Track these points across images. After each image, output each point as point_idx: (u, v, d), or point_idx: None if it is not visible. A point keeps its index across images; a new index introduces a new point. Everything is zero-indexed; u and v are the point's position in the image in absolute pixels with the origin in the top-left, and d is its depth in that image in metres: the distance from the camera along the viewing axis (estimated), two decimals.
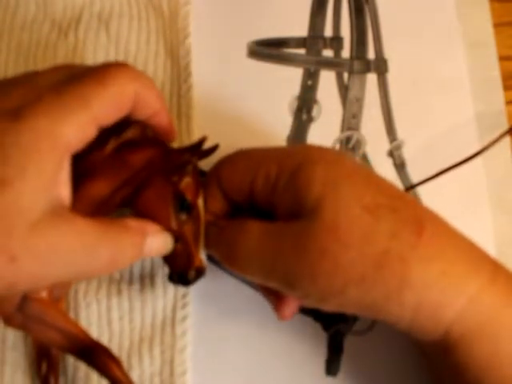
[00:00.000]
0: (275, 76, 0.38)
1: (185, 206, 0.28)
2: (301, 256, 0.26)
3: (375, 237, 0.25)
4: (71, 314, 0.33)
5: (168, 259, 0.29)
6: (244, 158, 0.30)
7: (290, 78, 0.38)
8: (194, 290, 0.34)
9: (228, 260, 0.29)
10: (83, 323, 0.33)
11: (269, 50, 0.38)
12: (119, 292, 0.34)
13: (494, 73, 0.39)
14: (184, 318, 0.34)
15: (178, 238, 0.28)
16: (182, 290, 0.34)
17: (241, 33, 0.38)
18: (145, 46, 0.37)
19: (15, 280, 0.23)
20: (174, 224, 0.28)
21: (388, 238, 0.25)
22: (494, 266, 0.27)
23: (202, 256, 0.29)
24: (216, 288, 0.34)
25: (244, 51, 0.38)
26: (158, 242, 0.28)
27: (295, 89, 0.38)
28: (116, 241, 0.25)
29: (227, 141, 0.36)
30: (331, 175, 0.27)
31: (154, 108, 0.28)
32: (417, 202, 0.28)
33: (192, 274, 0.29)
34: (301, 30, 0.39)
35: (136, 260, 0.27)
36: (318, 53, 0.39)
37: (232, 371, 0.33)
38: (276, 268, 0.27)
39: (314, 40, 0.39)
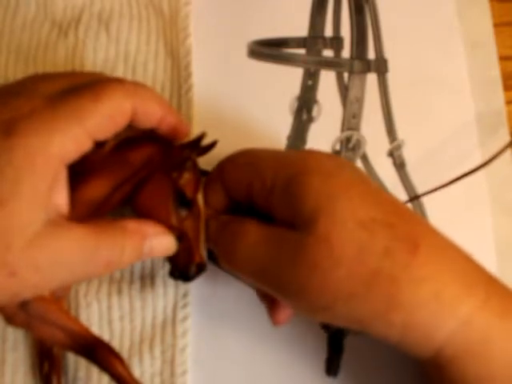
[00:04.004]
0: (275, 76, 0.38)
1: (185, 202, 0.28)
2: (293, 267, 0.26)
3: (368, 255, 0.25)
4: (72, 314, 0.33)
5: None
6: (245, 158, 0.30)
7: (290, 78, 0.38)
8: (195, 289, 0.34)
9: (225, 258, 0.29)
10: (84, 323, 0.33)
11: (269, 49, 0.38)
12: (120, 292, 0.34)
13: (494, 73, 0.39)
14: (185, 318, 0.34)
15: (179, 234, 0.28)
16: (182, 289, 0.34)
17: (241, 33, 0.38)
18: (145, 46, 0.37)
19: (17, 291, 0.24)
20: (174, 220, 0.28)
21: (381, 257, 0.25)
22: (489, 285, 0.27)
23: (203, 252, 0.29)
24: (216, 288, 0.34)
25: (244, 51, 0.38)
26: (159, 243, 0.28)
27: (295, 89, 0.38)
28: (114, 244, 0.26)
29: (227, 141, 0.36)
30: (327, 188, 0.26)
31: (156, 117, 0.28)
32: (414, 217, 0.28)
33: (193, 269, 0.29)
34: (301, 30, 0.39)
35: (137, 261, 0.27)
36: (318, 53, 0.39)
37: (232, 371, 0.33)
38: (269, 275, 0.27)
39: (314, 40, 0.39)
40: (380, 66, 0.38)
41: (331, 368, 0.34)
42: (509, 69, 0.39)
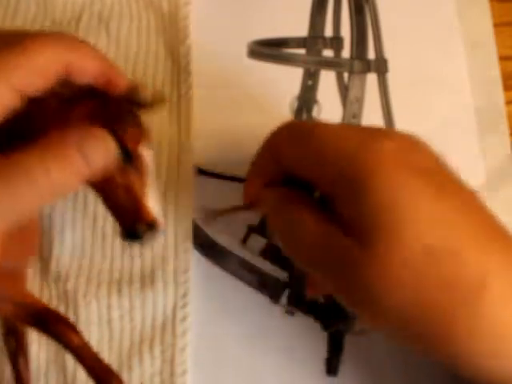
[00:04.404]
0: (275, 76, 0.38)
1: (127, 156, 0.27)
2: (349, 279, 0.24)
3: (427, 285, 0.23)
4: (71, 314, 0.33)
5: (115, 213, 0.28)
6: (301, 133, 0.27)
7: (290, 78, 0.38)
8: (195, 289, 0.34)
9: (280, 239, 0.28)
10: (83, 323, 0.33)
11: (269, 49, 0.38)
12: (119, 291, 0.34)
13: (494, 73, 0.39)
14: (184, 318, 0.34)
15: (122, 189, 0.27)
16: (182, 289, 0.34)
17: (241, 33, 0.38)
18: (145, 46, 0.37)
19: None
20: (117, 174, 0.27)
21: (441, 289, 0.23)
22: None
23: (154, 209, 0.28)
24: (216, 287, 0.34)
25: (244, 51, 0.38)
26: (93, 147, 0.25)
27: (295, 89, 0.38)
28: (28, 172, 0.24)
29: (226, 140, 0.36)
30: (393, 201, 0.23)
31: (93, 73, 0.27)
32: (495, 242, 0.24)
33: (142, 228, 0.27)
34: (301, 30, 0.39)
35: (80, 180, 0.25)
36: (318, 53, 0.39)
37: (232, 371, 0.33)
38: (323, 273, 0.26)
39: (314, 40, 0.39)
40: (380, 66, 0.38)
41: (331, 367, 0.34)
42: (509, 69, 0.39)
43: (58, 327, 0.28)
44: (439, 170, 0.25)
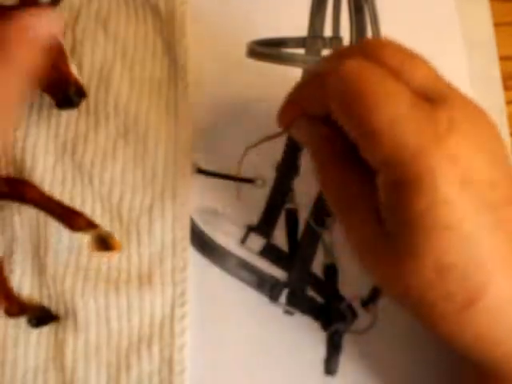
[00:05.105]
0: (275, 76, 0.38)
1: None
2: (373, 260, 0.26)
3: (431, 296, 0.24)
4: (69, 314, 0.33)
5: (49, 89, 0.34)
6: (362, 105, 0.24)
7: (290, 77, 0.38)
8: (193, 288, 0.34)
9: (317, 174, 0.28)
10: (81, 322, 0.33)
11: (268, 49, 0.38)
12: (117, 291, 0.34)
13: (494, 73, 0.39)
14: (183, 316, 0.34)
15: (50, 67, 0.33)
16: (180, 288, 0.34)
17: (239, 32, 0.38)
18: (142, 46, 0.37)
19: None
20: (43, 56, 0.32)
21: (440, 298, 0.24)
22: None
23: (78, 77, 0.34)
24: (214, 286, 0.34)
25: (242, 50, 0.38)
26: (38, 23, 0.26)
27: None
28: None
29: (225, 141, 0.36)
30: (427, 220, 0.23)
31: None
32: (498, 265, 0.24)
33: (72, 91, 0.34)
34: (301, 29, 0.39)
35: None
36: (318, 53, 0.39)
37: (231, 370, 0.33)
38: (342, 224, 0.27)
39: (313, 40, 0.39)
40: None
41: (330, 367, 0.34)
42: (509, 69, 0.39)
43: (17, 189, 0.33)
44: (490, 186, 0.24)
